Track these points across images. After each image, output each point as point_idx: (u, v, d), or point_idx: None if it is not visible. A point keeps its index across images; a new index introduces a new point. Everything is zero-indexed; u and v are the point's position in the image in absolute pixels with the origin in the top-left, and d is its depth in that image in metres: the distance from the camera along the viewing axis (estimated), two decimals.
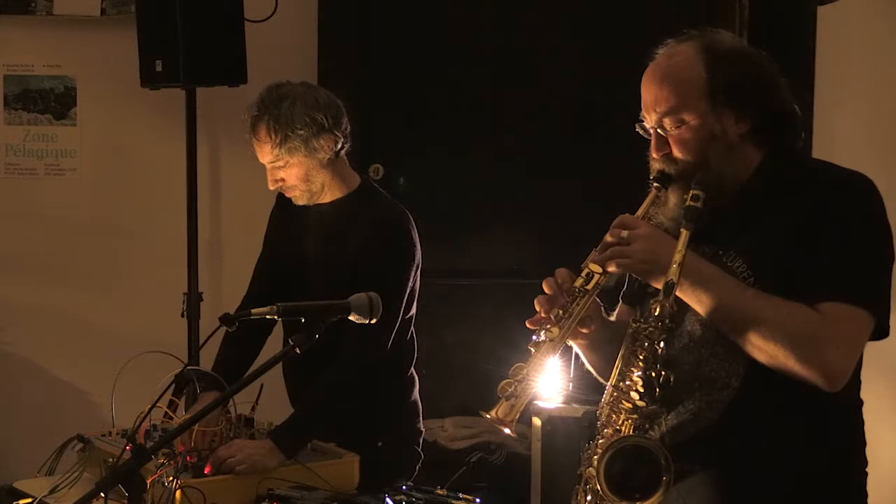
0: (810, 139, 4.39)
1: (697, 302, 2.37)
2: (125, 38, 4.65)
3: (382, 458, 3.42)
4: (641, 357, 2.34)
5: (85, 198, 5.08)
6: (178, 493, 2.93)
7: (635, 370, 2.35)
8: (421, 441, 3.65)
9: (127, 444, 2.68)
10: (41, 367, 5.09)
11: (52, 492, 3.07)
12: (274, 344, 3.66)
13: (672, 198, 2.46)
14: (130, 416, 3.04)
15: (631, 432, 2.34)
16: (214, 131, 4.96)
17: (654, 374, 2.33)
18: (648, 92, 2.48)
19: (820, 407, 2.37)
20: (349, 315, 2.68)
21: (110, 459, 3.07)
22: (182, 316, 4.61)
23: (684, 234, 2.35)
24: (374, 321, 2.71)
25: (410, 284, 3.47)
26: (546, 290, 2.46)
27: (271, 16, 4.68)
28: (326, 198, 3.50)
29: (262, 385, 3.29)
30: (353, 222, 3.46)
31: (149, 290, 5.02)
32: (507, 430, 2.35)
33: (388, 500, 3.07)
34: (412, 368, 3.63)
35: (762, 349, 2.32)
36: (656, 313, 2.33)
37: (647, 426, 2.35)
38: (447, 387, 4.60)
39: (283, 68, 4.59)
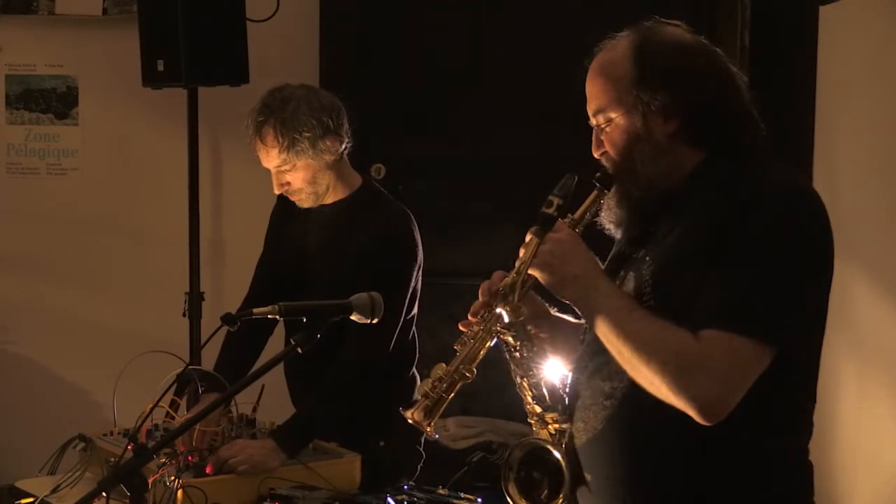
0: (812, 138, 4.39)
1: (588, 317, 2.31)
2: (127, 38, 4.66)
3: (384, 458, 3.42)
4: (518, 360, 2.35)
5: (87, 197, 5.09)
6: (179, 493, 2.93)
7: (521, 375, 2.36)
8: (422, 441, 3.65)
9: (129, 444, 2.68)
10: (43, 367, 5.10)
11: (53, 491, 3.07)
12: (276, 344, 3.66)
13: (612, 200, 2.38)
14: (132, 415, 3.04)
15: (545, 437, 2.34)
16: (216, 131, 4.96)
17: (533, 380, 2.33)
18: (587, 89, 2.41)
19: (702, 435, 2.22)
20: (351, 315, 2.68)
21: (112, 459, 3.07)
22: (184, 315, 4.62)
23: (533, 242, 2.31)
24: (375, 321, 2.71)
25: (412, 284, 3.47)
26: (480, 295, 2.42)
27: (273, 15, 4.68)
28: (329, 198, 3.50)
29: (263, 385, 3.29)
30: (355, 222, 3.46)
31: (150, 289, 5.03)
32: (427, 431, 2.35)
33: (389, 499, 3.07)
34: (414, 368, 3.63)
35: (639, 372, 2.23)
36: (506, 320, 2.31)
37: (554, 430, 2.34)
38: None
39: (285, 68, 4.61)
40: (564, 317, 2.55)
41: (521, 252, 2.37)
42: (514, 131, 5.01)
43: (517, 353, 2.36)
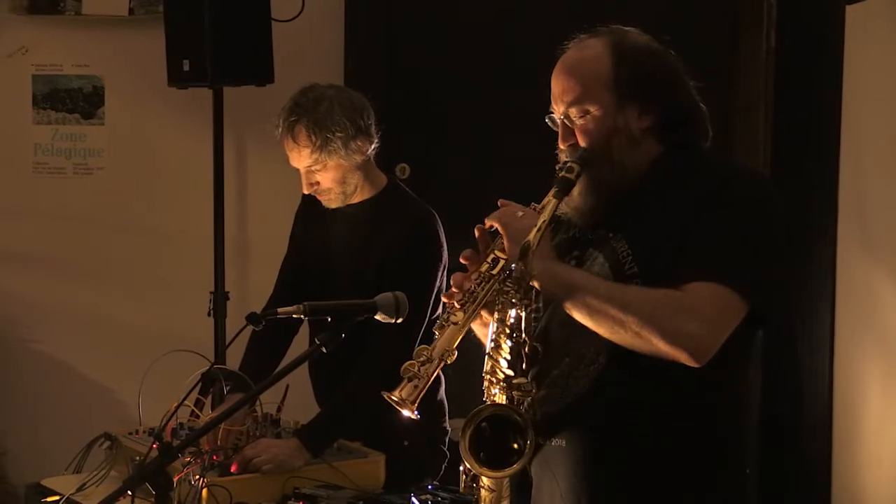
0: (838, 138, 4.36)
1: (562, 289, 2.38)
2: (153, 38, 4.67)
3: (408, 458, 3.42)
4: (508, 325, 2.36)
5: (112, 197, 5.10)
6: (204, 492, 2.94)
7: (504, 338, 2.36)
8: (447, 441, 3.65)
9: (154, 443, 2.69)
10: (68, 365, 5.11)
11: (79, 489, 3.09)
12: (300, 344, 3.66)
13: (576, 187, 2.47)
14: (157, 414, 3.05)
15: (502, 402, 2.35)
16: (241, 131, 4.97)
17: (520, 343, 2.35)
18: (557, 83, 2.55)
19: (685, 388, 2.36)
20: (375, 314, 2.68)
21: (137, 457, 3.08)
22: (208, 315, 4.62)
23: (552, 202, 2.39)
24: (400, 321, 2.71)
25: (437, 284, 3.47)
26: (456, 287, 2.46)
27: (298, 15, 4.68)
28: (355, 198, 3.50)
29: (287, 385, 3.30)
30: (381, 222, 3.47)
31: (175, 288, 5.04)
32: (406, 412, 2.35)
33: (413, 499, 3.07)
34: None
35: (629, 330, 2.31)
36: (517, 276, 2.35)
37: (518, 397, 2.35)
38: (473, 386, 4.60)
39: (310, 68, 4.61)
40: None
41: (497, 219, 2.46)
42: (541, 132, 5.00)
43: (512, 314, 2.37)
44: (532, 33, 5.00)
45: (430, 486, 3.22)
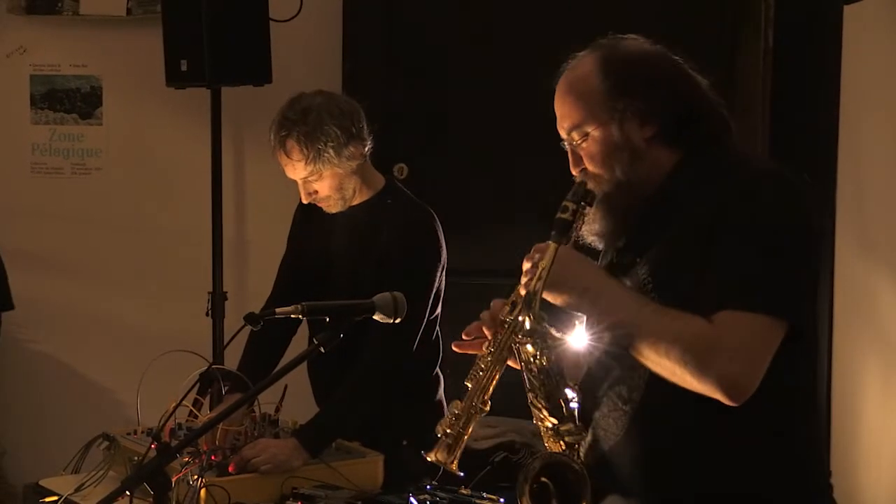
0: (836, 138, 4.37)
1: (603, 323, 2.32)
2: (151, 38, 4.67)
3: (407, 458, 3.41)
4: (535, 372, 2.33)
5: (110, 197, 5.10)
6: (202, 492, 2.94)
7: (538, 387, 2.34)
8: None
9: (152, 443, 2.68)
10: (66, 365, 5.12)
11: (77, 490, 3.08)
12: (299, 344, 3.66)
13: (596, 213, 2.41)
14: (156, 414, 3.05)
15: (558, 451, 2.33)
16: (239, 130, 4.97)
17: (553, 390, 2.32)
18: (557, 110, 2.48)
19: (726, 423, 2.27)
20: (374, 314, 2.68)
21: (136, 458, 3.08)
22: (207, 315, 4.62)
23: (552, 247, 2.31)
24: (398, 321, 2.71)
25: (436, 284, 3.47)
26: (485, 327, 2.43)
27: (296, 15, 4.69)
28: (354, 200, 3.50)
29: (286, 385, 3.30)
30: (379, 223, 3.46)
31: (174, 289, 5.04)
32: (451, 468, 2.35)
33: (412, 499, 3.07)
34: (437, 368, 3.63)
35: (661, 365, 2.25)
36: (526, 328, 2.31)
37: (571, 442, 2.33)
38: None
39: (308, 68, 4.62)
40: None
41: (528, 262, 2.38)
42: (536, 132, 4.99)
43: (535, 364, 2.34)
44: (530, 34, 5.00)
45: (428, 487, 3.22)
